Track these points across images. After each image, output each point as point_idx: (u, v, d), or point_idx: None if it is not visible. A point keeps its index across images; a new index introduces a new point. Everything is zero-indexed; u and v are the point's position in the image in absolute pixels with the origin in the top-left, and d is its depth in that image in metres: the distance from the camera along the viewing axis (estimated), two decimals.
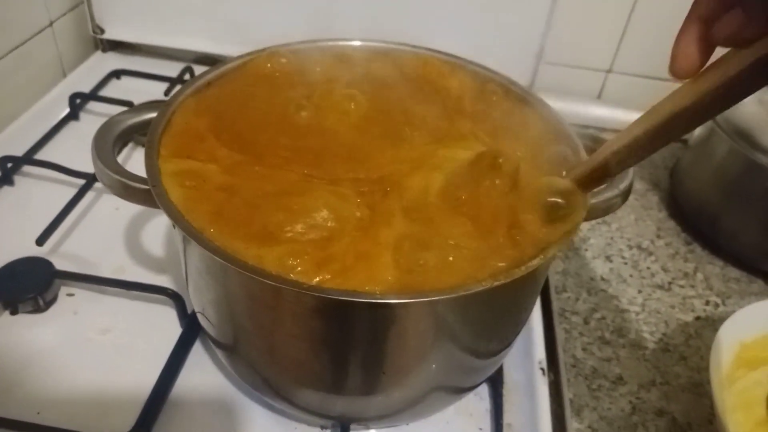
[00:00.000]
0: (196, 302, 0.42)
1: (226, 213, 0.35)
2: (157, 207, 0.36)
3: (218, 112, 0.43)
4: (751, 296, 0.62)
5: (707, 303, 0.60)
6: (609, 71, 0.80)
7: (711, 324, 0.58)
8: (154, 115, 0.41)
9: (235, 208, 0.35)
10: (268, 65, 0.47)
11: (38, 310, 0.52)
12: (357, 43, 0.50)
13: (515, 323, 0.44)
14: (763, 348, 0.49)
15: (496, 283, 0.32)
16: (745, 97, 0.29)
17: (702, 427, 0.50)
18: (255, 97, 0.45)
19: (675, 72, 0.31)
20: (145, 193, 0.37)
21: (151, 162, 0.37)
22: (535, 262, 0.33)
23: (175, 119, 0.41)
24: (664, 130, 0.32)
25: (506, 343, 0.44)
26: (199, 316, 0.43)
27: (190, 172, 0.38)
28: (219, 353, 0.45)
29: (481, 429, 0.48)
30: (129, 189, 0.37)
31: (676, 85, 0.31)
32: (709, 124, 0.64)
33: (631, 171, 0.41)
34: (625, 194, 0.41)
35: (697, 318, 0.59)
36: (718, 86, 0.29)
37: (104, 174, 0.38)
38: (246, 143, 0.41)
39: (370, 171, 0.40)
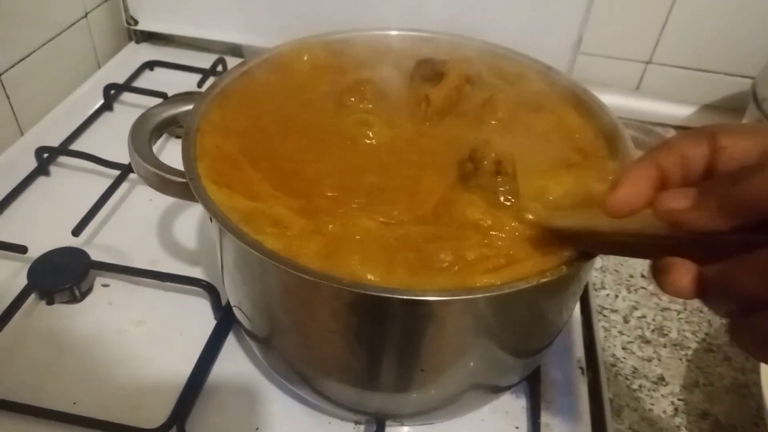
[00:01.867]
0: (232, 296, 0.42)
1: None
2: (194, 200, 0.35)
3: (250, 116, 0.42)
4: None
5: None
6: (648, 62, 0.77)
7: None
8: (190, 107, 0.41)
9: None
10: (305, 57, 0.46)
11: (74, 300, 0.53)
12: (395, 32, 0.49)
13: (556, 323, 0.42)
14: None
15: (541, 281, 0.31)
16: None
17: (747, 429, 0.48)
18: (293, 99, 0.44)
19: (613, 204, 0.28)
20: (182, 186, 0.36)
21: (188, 155, 0.36)
22: (579, 260, 0.32)
23: (205, 128, 0.40)
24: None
25: (546, 343, 0.43)
26: (235, 309, 0.43)
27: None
28: (254, 347, 0.44)
29: (517, 428, 0.47)
30: (166, 182, 0.37)
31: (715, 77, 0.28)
32: (756, 115, 0.62)
33: None
34: None
35: None
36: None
37: (141, 167, 0.38)
38: (284, 162, 0.39)
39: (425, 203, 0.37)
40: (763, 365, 0.43)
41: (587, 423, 0.47)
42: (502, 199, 0.35)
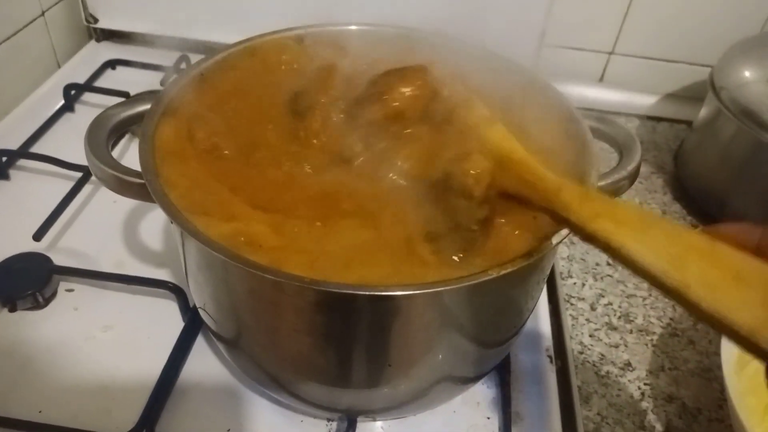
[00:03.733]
0: (197, 297, 0.42)
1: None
2: (153, 201, 0.35)
3: (214, 105, 0.42)
4: None
5: None
6: (611, 53, 0.78)
7: None
8: (148, 107, 0.40)
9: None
10: (272, 54, 0.46)
11: (37, 306, 0.51)
12: (354, 27, 0.49)
13: (522, 312, 0.43)
14: None
15: (502, 272, 0.31)
16: None
17: (712, 412, 0.49)
18: (253, 94, 0.44)
19: None
20: (140, 187, 0.36)
21: (145, 156, 0.36)
22: (543, 247, 0.32)
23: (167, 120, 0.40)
24: None
25: (513, 332, 0.44)
26: (200, 311, 0.42)
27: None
28: (222, 348, 0.44)
29: (488, 418, 0.47)
30: (124, 183, 0.36)
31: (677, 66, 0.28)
32: (714, 104, 0.63)
33: (638, 150, 0.40)
34: (633, 176, 0.40)
35: None
36: None
37: (98, 168, 0.37)
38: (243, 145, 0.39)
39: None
40: (723, 349, 0.44)
41: (557, 411, 0.47)
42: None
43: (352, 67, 0.44)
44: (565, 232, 0.33)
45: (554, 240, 0.33)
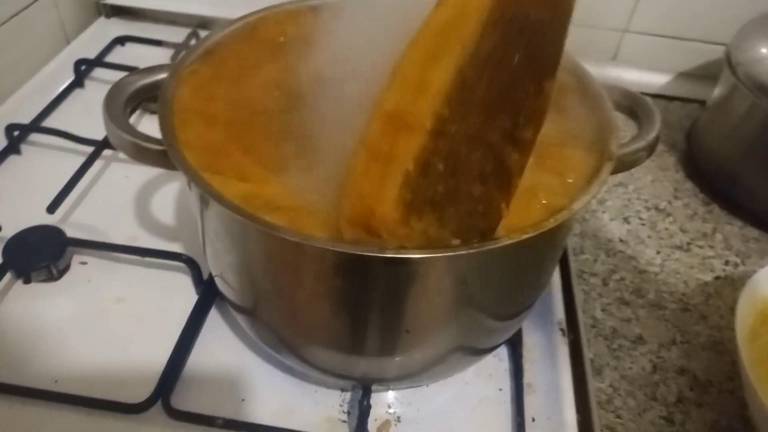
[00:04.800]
0: (214, 266, 0.42)
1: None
2: (173, 168, 0.35)
3: (227, 78, 0.41)
4: None
5: (726, 263, 0.60)
6: (625, 31, 0.78)
7: (730, 283, 0.58)
8: (165, 75, 0.40)
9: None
10: (280, 27, 0.45)
11: (51, 278, 0.52)
12: None
13: (536, 285, 0.43)
14: None
15: (521, 237, 0.31)
16: None
17: (722, 384, 0.49)
18: (267, 63, 0.43)
19: None
20: (159, 154, 0.36)
21: (165, 122, 0.36)
22: (563, 214, 0.32)
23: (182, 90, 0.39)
24: None
25: (527, 305, 0.44)
26: (217, 280, 0.42)
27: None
28: (238, 317, 0.44)
29: (500, 389, 0.48)
30: (143, 150, 0.36)
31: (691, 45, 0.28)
32: (730, 81, 0.62)
33: (658, 121, 0.39)
34: (652, 147, 0.39)
35: (717, 278, 0.58)
36: None
37: (117, 136, 0.37)
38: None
39: None
40: (738, 320, 0.44)
41: (569, 382, 0.47)
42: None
43: (364, 38, 0.44)
44: (586, 199, 0.33)
45: (575, 206, 0.33)
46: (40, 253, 0.51)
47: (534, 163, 0.35)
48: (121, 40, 0.79)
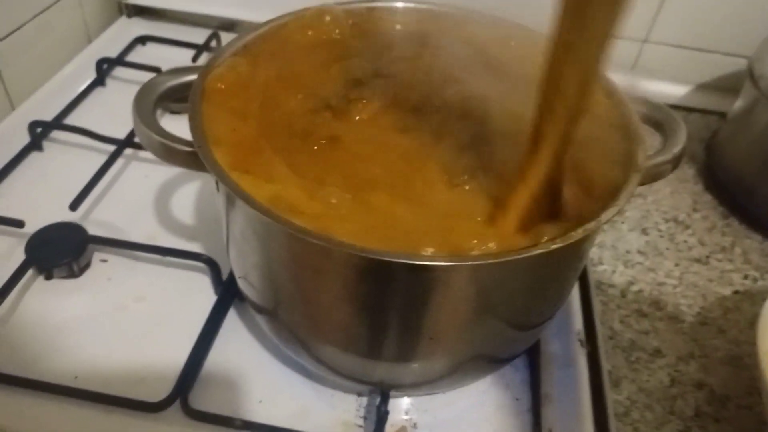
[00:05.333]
0: (237, 267, 0.42)
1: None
2: (202, 169, 0.35)
3: (259, 76, 0.42)
4: None
5: (746, 277, 0.59)
6: (645, 41, 0.78)
7: (749, 298, 0.57)
8: (194, 77, 0.40)
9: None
10: (309, 32, 0.46)
11: (72, 275, 0.52)
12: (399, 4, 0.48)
13: (559, 296, 0.43)
14: None
15: (549, 248, 0.31)
16: None
17: (741, 399, 0.49)
18: (297, 66, 0.44)
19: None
20: (188, 155, 0.36)
21: (195, 123, 0.36)
22: (591, 225, 0.32)
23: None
24: None
25: (548, 315, 0.43)
26: (240, 281, 0.42)
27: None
28: (259, 319, 0.44)
29: (518, 399, 0.47)
30: (172, 151, 0.36)
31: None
32: (752, 93, 0.62)
33: (684, 134, 0.39)
34: (677, 160, 0.39)
35: (735, 292, 0.58)
36: None
37: (146, 136, 0.37)
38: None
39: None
40: (759, 334, 0.44)
41: (587, 393, 0.47)
42: None
43: (396, 45, 0.44)
44: (613, 211, 0.33)
45: (603, 217, 0.33)
46: (62, 250, 0.52)
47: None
48: (142, 40, 0.80)
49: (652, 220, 0.64)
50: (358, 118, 0.41)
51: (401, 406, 0.46)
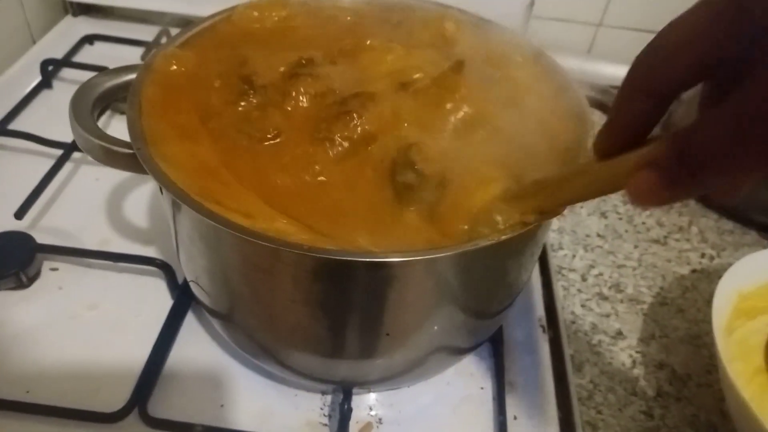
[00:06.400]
0: (188, 271, 0.41)
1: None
2: (143, 172, 0.34)
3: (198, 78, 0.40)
4: (745, 247, 0.62)
5: (702, 256, 0.60)
6: (599, 25, 0.78)
7: (707, 276, 0.58)
8: (133, 76, 0.39)
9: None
10: (255, 18, 0.44)
11: (21, 286, 0.50)
12: None
13: (517, 283, 0.43)
14: (761, 297, 0.49)
15: (499, 239, 0.31)
16: None
17: (701, 378, 0.50)
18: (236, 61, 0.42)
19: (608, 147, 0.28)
20: (128, 157, 0.35)
21: (133, 124, 0.35)
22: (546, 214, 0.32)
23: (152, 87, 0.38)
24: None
25: (507, 303, 0.43)
26: (192, 285, 0.41)
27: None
28: (215, 323, 0.43)
29: (482, 388, 0.47)
30: (112, 154, 0.35)
31: None
32: None
33: None
34: None
35: (693, 271, 0.59)
36: None
37: (84, 139, 0.36)
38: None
39: None
40: (714, 315, 0.44)
41: (550, 379, 0.48)
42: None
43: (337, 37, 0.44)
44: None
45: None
46: (9, 260, 0.50)
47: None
48: (89, 39, 0.77)
49: (611, 203, 0.65)
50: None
51: (366, 402, 0.46)
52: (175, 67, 0.40)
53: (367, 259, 0.30)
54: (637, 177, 0.25)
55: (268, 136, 0.36)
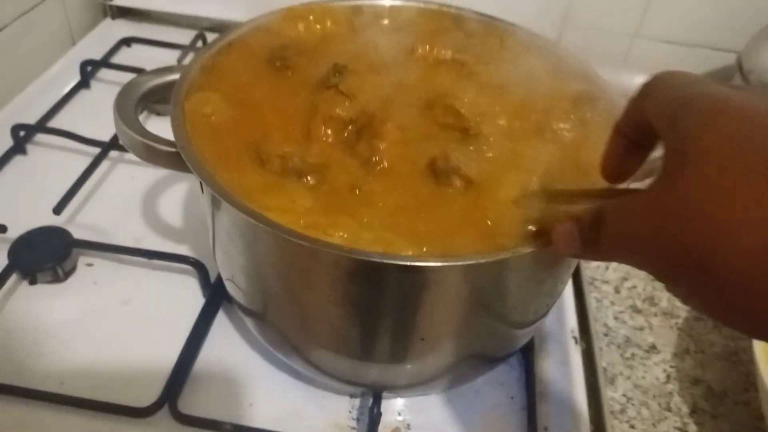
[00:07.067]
0: (224, 269, 0.41)
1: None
2: (184, 170, 0.34)
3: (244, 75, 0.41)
4: None
5: None
6: (635, 36, 0.77)
7: None
8: (177, 76, 0.39)
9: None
10: (300, 26, 0.45)
11: (57, 280, 0.51)
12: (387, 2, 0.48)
13: (551, 294, 0.42)
14: None
15: (530, 250, 0.31)
16: None
17: (738, 395, 0.49)
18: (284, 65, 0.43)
19: (604, 176, 0.32)
20: (170, 155, 0.35)
21: (177, 123, 0.35)
22: None
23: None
24: None
25: (542, 313, 0.43)
26: (227, 283, 0.42)
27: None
28: (248, 321, 0.43)
29: (512, 398, 0.47)
30: (154, 151, 0.36)
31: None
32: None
33: None
34: None
35: None
36: None
37: (128, 136, 0.36)
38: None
39: None
40: None
41: (582, 391, 0.47)
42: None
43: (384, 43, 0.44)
44: None
45: None
46: (46, 255, 0.51)
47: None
48: (127, 42, 0.79)
49: None
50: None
51: (394, 407, 0.46)
52: (216, 71, 0.40)
53: (406, 263, 0.30)
54: (564, 223, 0.28)
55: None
